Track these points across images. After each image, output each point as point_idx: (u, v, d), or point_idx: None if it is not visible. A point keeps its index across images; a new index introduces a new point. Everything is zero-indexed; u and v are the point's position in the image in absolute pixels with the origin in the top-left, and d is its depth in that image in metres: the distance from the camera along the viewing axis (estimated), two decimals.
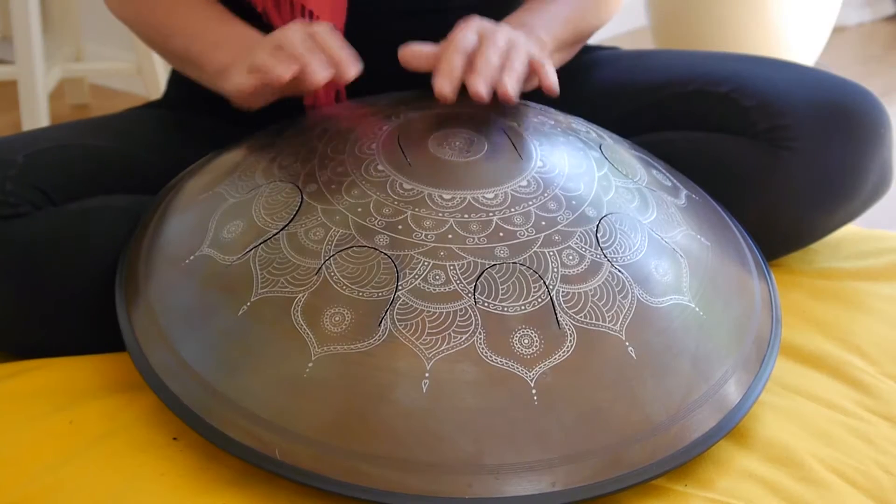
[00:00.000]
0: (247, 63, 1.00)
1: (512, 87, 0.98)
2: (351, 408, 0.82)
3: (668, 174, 1.03)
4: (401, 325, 0.83)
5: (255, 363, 0.85)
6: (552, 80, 1.01)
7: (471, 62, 0.98)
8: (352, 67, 0.98)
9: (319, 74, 0.96)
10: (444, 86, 0.98)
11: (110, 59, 2.57)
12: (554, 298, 0.86)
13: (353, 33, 1.08)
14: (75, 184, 1.02)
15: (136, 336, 0.91)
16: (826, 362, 1.02)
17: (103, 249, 0.99)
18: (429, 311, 0.84)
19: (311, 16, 1.09)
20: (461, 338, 0.83)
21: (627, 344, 0.86)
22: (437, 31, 1.03)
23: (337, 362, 0.83)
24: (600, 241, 0.90)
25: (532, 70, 1.02)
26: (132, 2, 1.14)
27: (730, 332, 0.93)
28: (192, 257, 0.92)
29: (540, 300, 0.85)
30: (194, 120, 1.18)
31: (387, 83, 1.06)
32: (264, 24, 1.10)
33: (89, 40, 2.60)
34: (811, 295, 1.12)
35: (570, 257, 0.88)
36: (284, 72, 0.95)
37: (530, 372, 0.83)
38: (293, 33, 0.99)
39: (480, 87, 0.96)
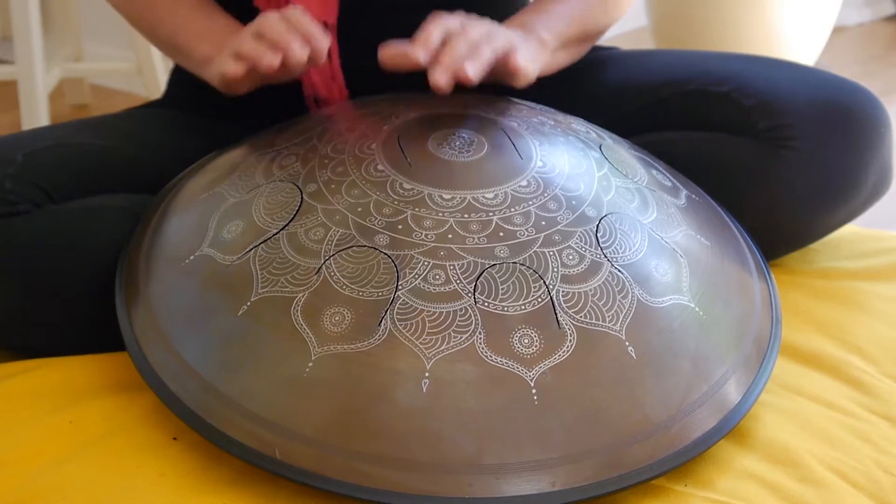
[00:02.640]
0: (231, 50, 1.02)
1: (472, 70, 0.97)
2: (351, 407, 0.82)
3: (668, 174, 1.03)
4: (401, 325, 0.83)
5: (256, 363, 0.85)
6: (519, 63, 1.01)
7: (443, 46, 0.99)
8: (322, 39, 1.00)
9: (299, 52, 0.98)
10: (418, 53, 0.97)
11: (110, 59, 2.57)
12: (554, 298, 0.86)
13: (346, 30, 1.08)
14: (75, 183, 1.02)
15: (136, 336, 0.91)
16: (826, 362, 1.02)
17: (103, 248, 0.99)
18: (429, 311, 0.84)
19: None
20: (461, 337, 0.83)
21: (627, 344, 0.86)
22: None
23: (337, 362, 0.83)
24: (600, 240, 0.90)
25: (503, 56, 1.01)
26: None
27: (730, 332, 0.93)
28: (192, 257, 0.92)
29: (540, 300, 0.85)
30: (195, 119, 1.18)
31: (382, 79, 1.06)
32: (249, 18, 1.11)
33: (89, 40, 2.60)
34: (811, 295, 1.12)
35: (570, 257, 0.88)
36: (273, 59, 0.98)
37: (530, 372, 0.83)
38: (270, 19, 1.01)
39: (438, 78, 0.96)
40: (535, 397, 0.82)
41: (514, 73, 1.03)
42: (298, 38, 0.99)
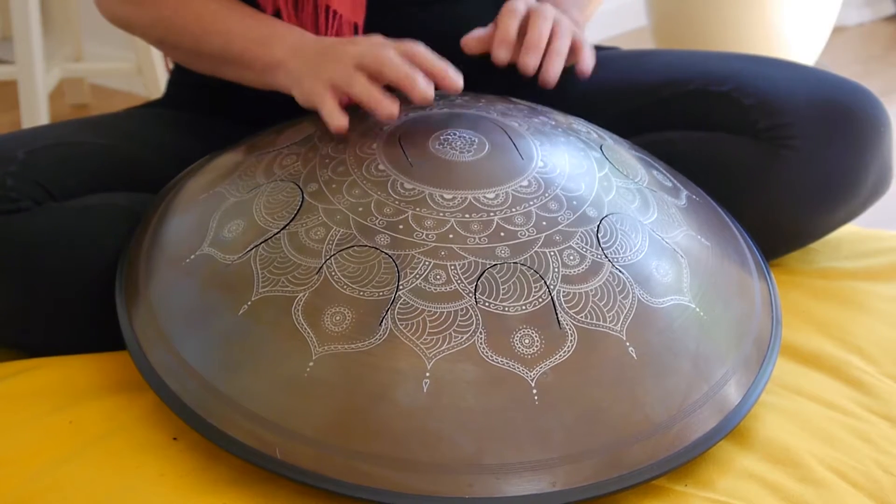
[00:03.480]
0: (325, 77, 0.99)
1: (555, 72, 1.05)
2: (351, 407, 0.82)
3: (668, 175, 1.03)
4: (401, 325, 0.83)
5: (256, 363, 0.85)
6: (589, 66, 1.09)
7: (523, 35, 1.05)
8: (458, 77, 0.99)
9: (426, 90, 0.97)
10: (500, 52, 1.05)
11: (110, 59, 2.57)
12: (555, 298, 0.86)
13: (372, 27, 1.08)
14: (76, 181, 1.02)
15: (137, 335, 0.91)
16: (826, 362, 1.02)
17: (104, 246, 0.98)
18: (429, 311, 0.84)
19: (335, 14, 1.09)
20: (462, 337, 0.83)
21: (628, 344, 0.86)
22: (453, 21, 1.03)
23: (337, 362, 0.83)
24: (601, 241, 0.90)
25: (573, 49, 1.08)
26: (153, 5, 1.12)
27: (730, 332, 0.93)
28: (192, 256, 0.92)
29: (541, 300, 0.85)
30: (195, 119, 1.18)
31: None
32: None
33: (89, 40, 2.60)
34: (811, 295, 1.12)
35: (571, 257, 0.88)
36: (392, 110, 0.96)
37: (531, 372, 0.83)
38: (388, 53, 0.98)
39: (530, 64, 1.04)
40: (536, 397, 0.82)
41: (578, 74, 1.10)
42: (422, 74, 0.97)
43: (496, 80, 1.10)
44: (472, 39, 1.07)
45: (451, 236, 0.88)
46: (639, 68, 1.22)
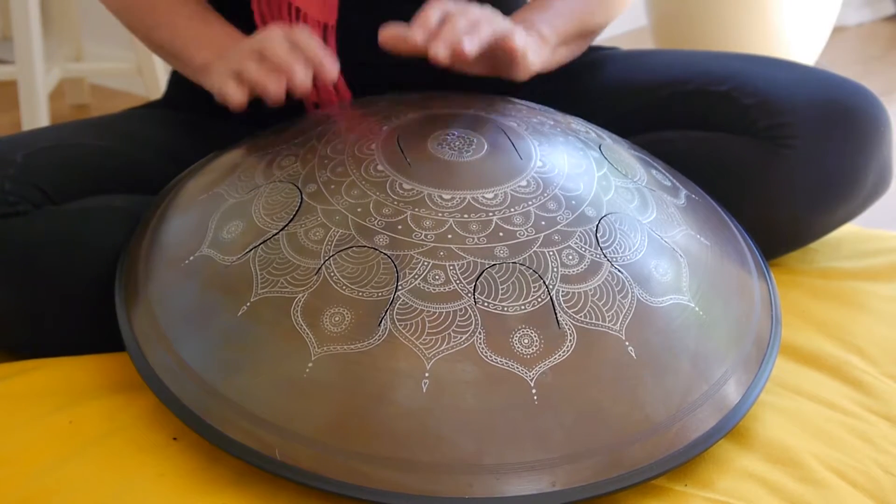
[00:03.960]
0: (230, 67, 1.02)
1: (470, 45, 0.96)
2: (351, 408, 0.82)
3: (667, 174, 1.03)
4: (401, 325, 0.83)
5: (255, 363, 0.85)
6: (517, 44, 1.01)
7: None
8: (332, 66, 1.00)
9: (303, 80, 0.98)
10: (417, 34, 0.97)
11: (110, 59, 2.57)
12: (554, 298, 0.86)
13: (345, 28, 1.08)
14: (75, 183, 1.02)
15: (136, 336, 0.91)
16: (826, 362, 1.02)
17: (103, 249, 0.98)
18: (429, 311, 0.84)
19: (298, 12, 1.09)
20: (461, 337, 0.83)
21: (627, 344, 0.86)
22: None
23: (337, 362, 0.83)
24: (600, 240, 0.90)
25: (500, 40, 1.01)
26: None
27: (730, 331, 0.93)
28: (191, 258, 0.92)
29: (540, 300, 0.85)
30: (194, 120, 1.18)
31: (384, 76, 1.07)
32: (245, 18, 1.11)
33: (89, 40, 2.60)
34: (811, 295, 1.12)
35: (570, 257, 0.88)
36: (277, 88, 0.98)
37: (530, 372, 0.83)
38: (274, 40, 1.00)
39: (438, 50, 0.96)
40: (535, 397, 0.82)
41: (512, 56, 1.02)
42: (302, 62, 0.99)
43: (494, 80, 1.10)
44: (388, 35, 1.00)
45: (449, 236, 0.88)
46: (639, 68, 1.22)
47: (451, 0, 1.01)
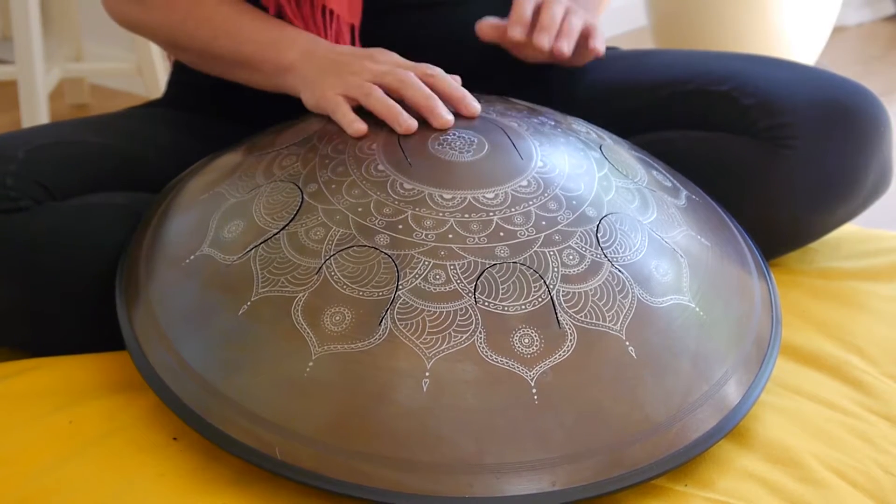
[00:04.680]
0: (345, 89, 1.00)
1: (568, 46, 1.09)
2: (351, 407, 0.82)
3: (668, 175, 1.03)
4: (401, 325, 0.83)
5: (256, 363, 0.85)
6: (600, 45, 1.12)
7: (537, 18, 1.09)
8: (474, 105, 0.99)
9: (448, 118, 0.97)
10: (516, 31, 1.08)
11: (110, 59, 2.57)
12: (554, 298, 0.86)
13: (369, 28, 1.08)
14: (76, 180, 1.02)
15: (137, 335, 0.91)
16: (826, 362, 1.02)
17: (103, 246, 0.98)
18: (429, 311, 0.84)
19: (332, 14, 1.09)
20: (461, 337, 0.83)
21: (628, 344, 0.86)
22: (451, 22, 1.03)
23: (337, 362, 0.83)
24: (600, 240, 0.90)
25: (585, 33, 1.10)
26: (163, 7, 1.13)
27: (730, 332, 0.93)
28: (192, 257, 0.92)
29: (540, 300, 0.85)
30: (195, 119, 1.18)
31: None
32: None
33: (89, 40, 2.60)
34: (811, 295, 1.12)
35: (571, 257, 0.88)
36: (411, 126, 0.96)
37: (531, 371, 0.83)
38: (410, 74, 0.99)
39: (544, 42, 1.07)
40: (536, 397, 0.82)
41: (591, 54, 1.12)
42: (440, 102, 0.98)
43: (497, 81, 1.10)
44: (487, 25, 1.10)
45: (450, 236, 0.88)
46: (639, 68, 1.22)
47: None
